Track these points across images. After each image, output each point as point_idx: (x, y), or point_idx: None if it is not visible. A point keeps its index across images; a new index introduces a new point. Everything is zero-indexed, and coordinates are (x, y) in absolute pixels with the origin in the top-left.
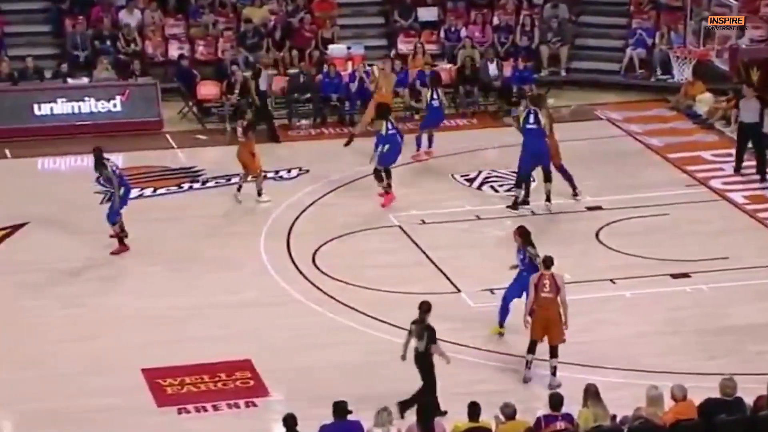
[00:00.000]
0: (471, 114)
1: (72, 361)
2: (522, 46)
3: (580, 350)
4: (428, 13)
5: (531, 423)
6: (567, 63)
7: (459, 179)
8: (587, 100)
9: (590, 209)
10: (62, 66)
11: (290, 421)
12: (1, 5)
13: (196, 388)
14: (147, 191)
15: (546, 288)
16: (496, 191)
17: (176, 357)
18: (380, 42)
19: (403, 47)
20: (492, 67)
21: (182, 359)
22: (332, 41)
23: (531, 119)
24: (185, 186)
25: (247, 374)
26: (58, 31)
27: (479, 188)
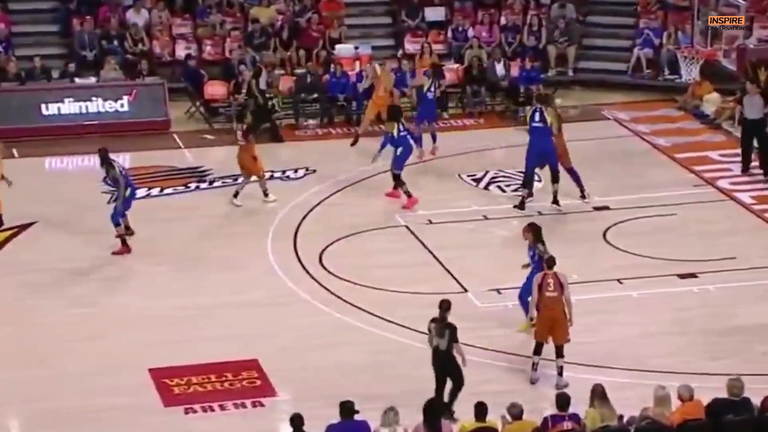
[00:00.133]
0: (478, 114)
1: (79, 361)
2: (529, 46)
3: (587, 350)
4: (435, 13)
5: (538, 423)
6: (574, 63)
7: (466, 179)
8: (594, 100)
9: (597, 209)
10: (69, 66)
11: (297, 421)
12: (9, 5)
13: (203, 388)
14: (154, 191)
15: (550, 287)
16: (503, 191)
17: (183, 357)
18: (387, 42)
19: (411, 47)
20: (499, 67)
21: (189, 359)
22: (339, 41)
23: (536, 117)
24: (192, 186)
25: (254, 374)
26: (66, 31)
27: (486, 188)
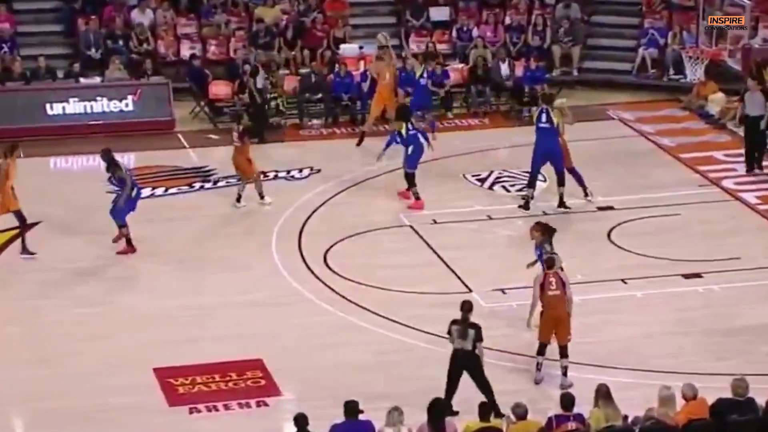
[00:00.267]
0: (483, 114)
1: (83, 361)
2: (534, 46)
3: (591, 350)
4: (440, 13)
5: (542, 423)
6: (579, 63)
7: (470, 179)
8: (599, 100)
9: (602, 209)
10: (74, 65)
11: (301, 421)
12: (14, 5)
13: (208, 388)
14: (158, 191)
15: (552, 286)
16: (508, 191)
17: (188, 356)
18: (392, 42)
19: (415, 47)
20: (504, 67)
21: (194, 359)
22: (344, 41)
23: (543, 118)
24: (197, 185)
25: (259, 374)
26: (71, 31)
27: (491, 188)
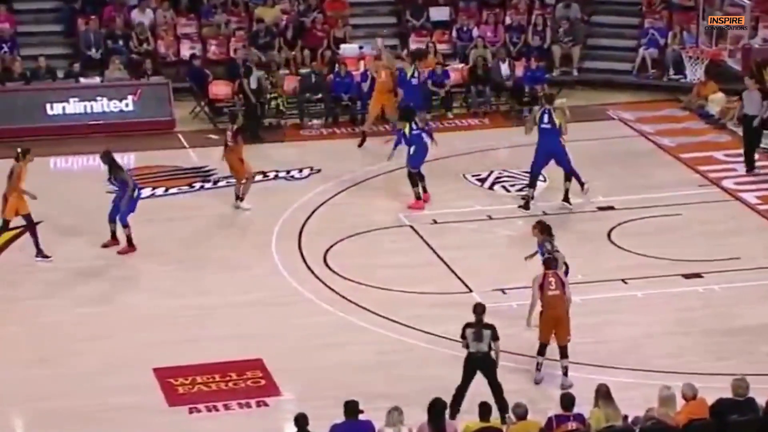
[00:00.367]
0: (483, 114)
1: (84, 361)
2: (534, 46)
3: (592, 350)
4: (440, 13)
5: (542, 423)
6: (579, 63)
7: (470, 179)
8: (599, 100)
9: (602, 209)
10: (74, 65)
11: (301, 421)
12: (14, 5)
13: (208, 388)
14: (159, 191)
15: (552, 286)
16: (508, 191)
17: (187, 356)
18: (392, 42)
19: (415, 47)
20: (504, 67)
21: (193, 359)
22: (344, 41)
23: (545, 119)
24: (197, 185)
25: (259, 374)
26: (71, 31)
27: (491, 188)
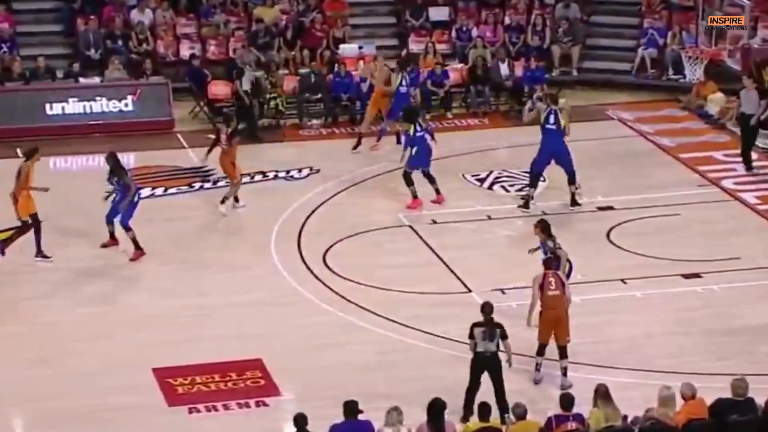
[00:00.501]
0: (482, 114)
1: (83, 361)
2: (533, 46)
3: (591, 350)
4: (439, 13)
5: (542, 423)
6: (578, 63)
7: (470, 179)
8: (598, 100)
9: (601, 209)
10: (74, 65)
11: (301, 421)
12: (13, 5)
13: (207, 388)
14: (158, 191)
15: (552, 286)
16: (507, 191)
17: (187, 356)
18: (391, 42)
19: (415, 47)
20: (503, 67)
21: (193, 359)
22: (343, 41)
23: (551, 119)
24: (196, 186)
25: (258, 374)
26: (70, 31)
27: (490, 188)
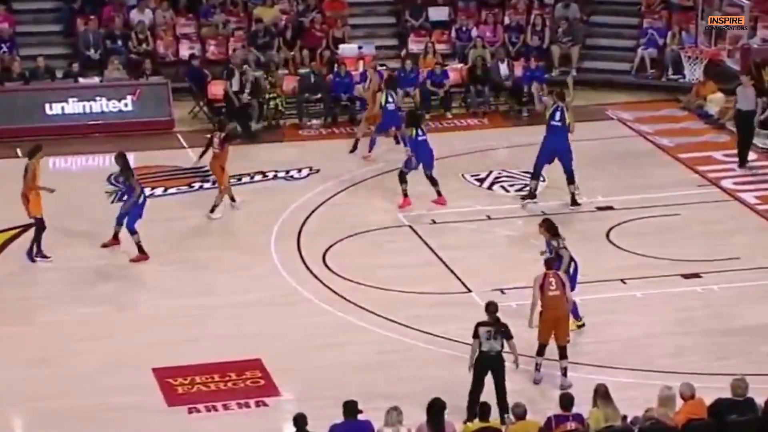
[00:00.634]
0: (482, 114)
1: (84, 360)
2: (533, 46)
3: (591, 350)
4: (439, 13)
5: (541, 423)
6: (578, 63)
7: (470, 179)
8: (598, 100)
9: (601, 209)
10: (73, 65)
11: (300, 421)
12: (13, 5)
13: (207, 388)
14: (158, 191)
15: (552, 286)
16: (507, 191)
17: (187, 356)
18: (391, 42)
19: (414, 47)
20: (503, 67)
21: (193, 359)
22: (343, 41)
23: (557, 117)
24: (196, 185)
25: (258, 374)
26: (70, 31)
27: (490, 188)
